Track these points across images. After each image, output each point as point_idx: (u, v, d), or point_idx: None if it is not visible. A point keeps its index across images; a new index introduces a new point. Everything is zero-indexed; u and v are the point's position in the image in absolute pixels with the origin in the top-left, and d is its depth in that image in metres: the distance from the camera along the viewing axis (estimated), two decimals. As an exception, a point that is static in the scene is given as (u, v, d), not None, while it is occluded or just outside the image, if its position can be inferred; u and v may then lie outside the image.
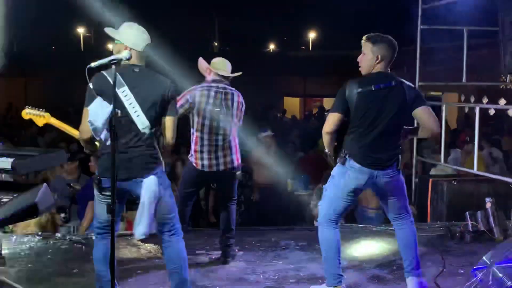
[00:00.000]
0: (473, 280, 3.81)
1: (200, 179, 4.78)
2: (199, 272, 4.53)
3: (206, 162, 4.64)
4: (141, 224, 3.38)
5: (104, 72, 3.39)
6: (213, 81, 4.72)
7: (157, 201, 3.46)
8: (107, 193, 3.43)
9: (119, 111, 2.99)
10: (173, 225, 3.64)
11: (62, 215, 6.67)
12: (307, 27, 32.06)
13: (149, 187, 3.43)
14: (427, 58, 12.05)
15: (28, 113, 4.18)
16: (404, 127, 4.01)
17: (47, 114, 4.16)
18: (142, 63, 3.54)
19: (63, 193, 6.56)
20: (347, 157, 3.86)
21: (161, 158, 3.59)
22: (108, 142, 3.16)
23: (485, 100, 7.00)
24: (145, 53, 3.53)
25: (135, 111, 3.40)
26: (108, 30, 3.54)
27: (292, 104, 22.73)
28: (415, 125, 4.34)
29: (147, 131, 3.44)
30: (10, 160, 3.35)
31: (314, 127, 12.66)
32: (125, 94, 3.38)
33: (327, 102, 20.19)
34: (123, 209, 3.83)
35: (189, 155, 4.76)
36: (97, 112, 3.11)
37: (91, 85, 3.33)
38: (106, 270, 3.49)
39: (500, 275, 3.60)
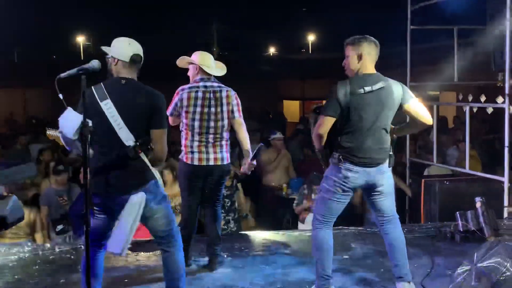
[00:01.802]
0: (457, 280, 3.80)
1: (195, 175, 4.68)
2: (186, 279, 4.46)
3: (196, 156, 4.60)
4: (113, 241, 3.37)
5: (92, 87, 3.41)
6: (201, 79, 4.66)
7: (137, 220, 3.42)
8: (98, 208, 3.45)
9: (89, 122, 2.98)
10: (172, 237, 3.63)
11: (60, 226, 6.68)
12: (306, 30, 32.06)
13: (131, 205, 3.40)
14: (423, 57, 12.06)
15: (50, 134, 4.05)
16: (392, 126, 4.03)
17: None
18: (131, 76, 3.52)
19: (55, 205, 6.59)
20: (340, 158, 3.88)
21: (152, 171, 3.54)
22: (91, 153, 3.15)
23: (482, 98, 6.96)
24: (134, 65, 3.51)
25: (118, 124, 3.38)
26: (103, 48, 3.57)
27: (292, 108, 22.72)
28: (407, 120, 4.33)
29: (131, 144, 3.41)
30: None
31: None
32: (107, 107, 3.37)
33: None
34: (112, 225, 3.78)
35: (180, 155, 4.74)
36: (66, 123, 3.11)
37: (81, 100, 3.28)
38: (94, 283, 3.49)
39: (483, 275, 3.58)
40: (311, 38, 32.95)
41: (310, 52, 32.19)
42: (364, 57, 3.87)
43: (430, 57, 11.24)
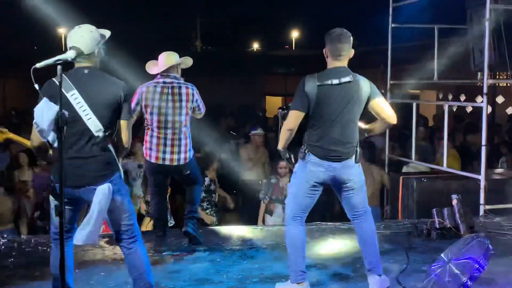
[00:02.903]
0: (431, 276, 3.84)
1: (155, 171, 4.98)
2: (162, 273, 4.50)
3: (154, 154, 4.85)
4: (83, 231, 3.33)
5: (54, 79, 3.33)
6: (161, 76, 4.90)
7: (105, 212, 3.39)
8: (65, 200, 3.39)
9: (66, 113, 2.95)
10: (133, 232, 3.58)
11: (37, 213, 6.70)
12: (290, 27, 32.08)
13: (100, 196, 3.35)
14: (404, 55, 12.14)
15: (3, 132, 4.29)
16: (361, 125, 4.05)
17: (5, 130, 4.30)
18: (93, 64, 3.46)
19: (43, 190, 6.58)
20: (306, 151, 3.90)
21: (118, 164, 3.53)
22: (56, 144, 3.12)
23: (462, 97, 7.05)
24: (97, 55, 3.46)
25: (86, 114, 3.34)
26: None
27: (274, 103, 22.71)
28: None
29: (100, 134, 3.38)
30: None
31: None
32: (74, 97, 3.33)
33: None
34: (79, 216, 3.73)
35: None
36: (42, 114, 3.07)
37: (40, 93, 3.25)
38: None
39: (457, 271, 3.63)
40: (295, 34, 32.97)
41: (293, 48, 32.21)
42: (328, 52, 3.93)
43: (411, 55, 11.36)
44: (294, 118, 3.86)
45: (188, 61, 5.11)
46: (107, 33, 3.58)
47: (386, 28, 8.00)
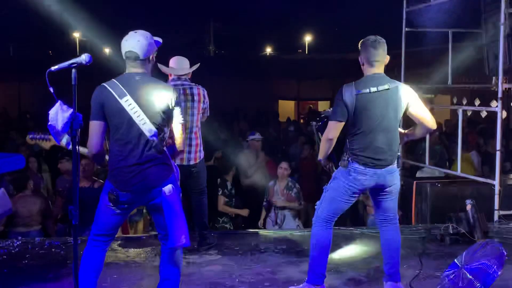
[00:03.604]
0: (444, 282, 3.81)
1: None
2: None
3: None
4: (179, 235, 3.39)
5: (104, 84, 3.42)
6: (172, 80, 5.01)
7: (181, 209, 3.45)
8: (124, 206, 3.47)
9: (80, 115, 2.97)
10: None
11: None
12: (303, 31, 32.10)
13: (170, 196, 3.41)
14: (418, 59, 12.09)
15: (32, 138, 4.19)
16: (401, 130, 4.07)
17: (51, 137, 4.08)
18: (145, 70, 3.51)
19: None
20: (349, 159, 3.91)
21: (173, 164, 3.57)
22: (70, 147, 3.15)
23: (477, 102, 6.98)
24: (136, 61, 3.47)
25: (141, 119, 3.39)
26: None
27: (287, 107, 22.72)
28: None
29: (155, 138, 3.43)
30: None
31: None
32: (128, 103, 3.38)
33: (322, 105, 20.24)
34: (125, 218, 3.78)
35: None
36: (56, 117, 3.10)
37: (93, 98, 3.38)
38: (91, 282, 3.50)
39: (470, 277, 3.60)
40: (308, 38, 32.98)
41: (306, 52, 32.22)
42: (363, 61, 3.94)
43: (425, 59, 11.30)
44: (334, 128, 3.89)
45: (190, 69, 5.19)
46: (160, 40, 3.64)
47: (400, 32, 7.96)
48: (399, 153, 3.99)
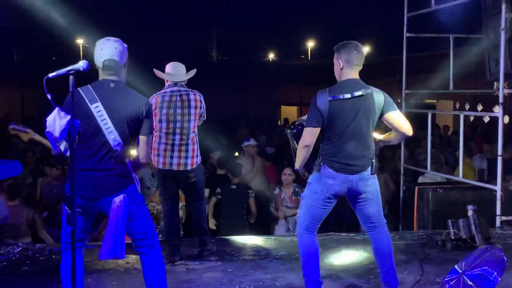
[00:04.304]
0: (445, 288, 3.79)
1: (163, 177, 5.03)
2: (173, 283, 4.49)
3: (161, 160, 4.92)
4: (106, 246, 3.35)
5: (79, 89, 3.39)
6: (168, 86, 5.03)
7: (124, 222, 3.41)
8: (78, 210, 3.42)
9: (78, 122, 2.97)
10: (151, 239, 3.61)
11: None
12: (305, 36, 32.11)
13: (116, 207, 3.38)
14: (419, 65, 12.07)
15: (13, 128, 4.25)
16: (376, 136, 4.04)
17: (30, 130, 4.23)
18: (120, 78, 3.50)
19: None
20: (321, 164, 3.89)
21: (133, 175, 3.56)
22: (68, 153, 3.15)
23: (479, 107, 6.98)
24: (114, 70, 3.47)
25: (108, 127, 3.38)
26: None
27: (289, 113, 22.73)
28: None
29: (119, 148, 3.42)
30: None
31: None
32: (98, 110, 3.37)
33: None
34: (91, 226, 3.74)
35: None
36: (54, 123, 3.10)
37: (66, 99, 3.34)
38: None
39: (470, 283, 3.58)
40: (310, 44, 33.00)
41: (309, 58, 32.23)
42: (342, 64, 3.91)
43: (426, 65, 11.28)
44: (310, 135, 3.87)
45: (188, 76, 5.18)
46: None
47: (400, 37, 7.95)
48: (373, 160, 3.94)
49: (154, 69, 5.08)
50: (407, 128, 3.97)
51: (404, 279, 4.48)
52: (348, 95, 3.81)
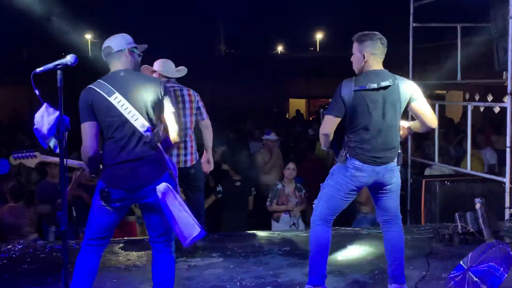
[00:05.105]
0: (450, 284, 3.69)
1: None
2: (175, 280, 4.38)
3: None
4: (181, 234, 3.28)
5: (90, 86, 3.36)
6: (161, 82, 4.85)
7: (182, 202, 3.34)
8: (117, 205, 3.39)
9: (67, 118, 2.90)
10: (170, 234, 3.55)
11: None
12: (314, 28, 31.88)
13: (166, 194, 3.31)
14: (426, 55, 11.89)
15: (16, 157, 3.91)
16: (404, 123, 3.97)
17: (38, 154, 3.95)
18: (126, 66, 3.48)
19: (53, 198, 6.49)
20: (347, 155, 3.80)
21: (168, 162, 3.48)
22: (57, 150, 3.08)
23: (489, 97, 6.83)
24: (128, 55, 3.48)
25: (133, 115, 3.33)
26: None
27: (298, 106, 22.61)
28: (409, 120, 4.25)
29: (149, 133, 3.36)
30: None
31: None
32: (118, 100, 3.32)
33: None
34: (118, 223, 3.66)
35: None
36: (42, 120, 3.04)
37: (81, 101, 3.32)
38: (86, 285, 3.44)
39: (476, 279, 3.48)
40: (319, 36, 32.78)
41: (318, 50, 32.03)
42: (367, 56, 3.80)
43: (433, 55, 11.11)
44: (329, 123, 3.79)
45: (183, 73, 5.11)
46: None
47: (407, 27, 7.81)
48: (399, 151, 3.87)
49: (143, 66, 4.97)
50: (430, 119, 3.87)
51: (410, 275, 4.38)
52: (375, 85, 3.72)
